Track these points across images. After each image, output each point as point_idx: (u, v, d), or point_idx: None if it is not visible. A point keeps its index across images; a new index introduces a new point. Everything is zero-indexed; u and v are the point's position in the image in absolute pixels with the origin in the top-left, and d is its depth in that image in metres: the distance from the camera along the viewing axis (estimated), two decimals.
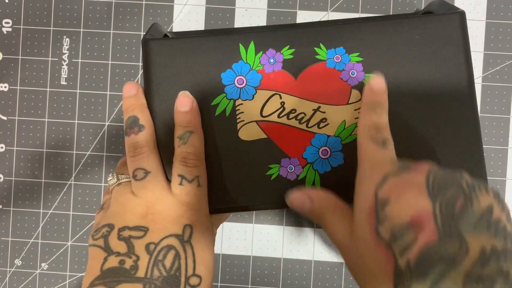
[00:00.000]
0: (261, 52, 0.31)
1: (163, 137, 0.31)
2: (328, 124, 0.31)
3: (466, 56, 0.31)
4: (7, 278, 0.43)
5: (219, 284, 0.43)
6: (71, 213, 0.43)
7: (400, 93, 0.31)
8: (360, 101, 0.31)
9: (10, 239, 0.43)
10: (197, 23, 0.42)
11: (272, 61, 0.31)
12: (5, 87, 0.43)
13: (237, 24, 0.42)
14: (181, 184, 0.29)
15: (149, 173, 0.29)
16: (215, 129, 0.31)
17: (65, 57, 0.43)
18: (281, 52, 0.31)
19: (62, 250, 0.43)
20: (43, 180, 0.43)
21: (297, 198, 0.30)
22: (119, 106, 0.42)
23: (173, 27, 0.42)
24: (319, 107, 0.31)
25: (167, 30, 0.41)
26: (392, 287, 0.23)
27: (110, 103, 0.43)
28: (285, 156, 0.31)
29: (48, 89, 0.43)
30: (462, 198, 0.24)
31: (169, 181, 0.30)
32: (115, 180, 0.31)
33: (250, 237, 0.42)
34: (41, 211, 0.43)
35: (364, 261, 0.26)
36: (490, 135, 0.41)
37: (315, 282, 0.42)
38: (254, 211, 0.42)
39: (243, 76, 0.31)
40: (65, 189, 0.43)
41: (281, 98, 0.31)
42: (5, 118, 0.43)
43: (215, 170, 0.31)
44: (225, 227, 0.43)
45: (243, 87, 0.31)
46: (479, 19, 0.41)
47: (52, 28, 0.43)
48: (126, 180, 0.31)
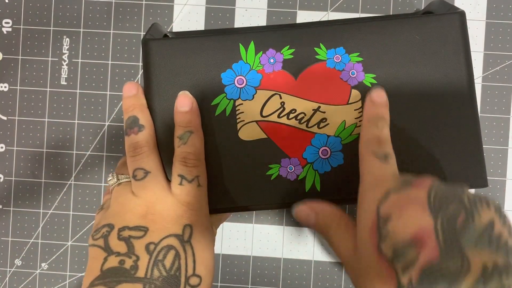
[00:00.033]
0: (261, 52, 0.31)
1: (163, 137, 0.31)
2: (328, 124, 0.31)
3: (466, 56, 0.31)
4: (7, 278, 0.43)
5: (219, 284, 0.43)
6: (71, 213, 0.43)
7: (400, 93, 0.31)
8: (360, 101, 0.31)
9: (10, 239, 0.43)
10: (197, 23, 0.42)
11: (272, 61, 0.31)
12: (5, 87, 0.43)
13: (237, 24, 0.42)
14: (181, 184, 0.29)
15: (149, 173, 0.29)
16: (215, 129, 0.31)
17: (65, 57, 0.43)
18: (281, 52, 0.31)
19: (62, 250, 0.43)
20: (43, 180, 0.43)
21: (302, 211, 0.30)
22: (119, 106, 0.42)
23: (173, 27, 0.42)
24: (319, 107, 0.31)
25: (167, 30, 0.41)
26: None
27: (110, 103, 0.42)
28: (285, 156, 0.31)
29: (48, 89, 0.43)
30: (463, 213, 0.24)
31: (169, 181, 0.30)
32: (115, 180, 0.31)
33: (250, 237, 0.42)
34: (41, 211, 0.43)
35: (367, 277, 0.26)
36: (490, 135, 0.41)
37: (315, 282, 0.42)
38: (254, 211, 0.42)
39: (243, 76, 0.31)
40: (65, 189, 0.43)
41: (281, 98, 0.31)
42: (5, 118, 0.43)
43: (215, 170, 0.31)
44: (225, 227, 0.42)
45: (243, 87, 0.31)
46: (479, 19, 0.41)
47: (52, 28, 0.43)
48: (126, 180, 0.31)
